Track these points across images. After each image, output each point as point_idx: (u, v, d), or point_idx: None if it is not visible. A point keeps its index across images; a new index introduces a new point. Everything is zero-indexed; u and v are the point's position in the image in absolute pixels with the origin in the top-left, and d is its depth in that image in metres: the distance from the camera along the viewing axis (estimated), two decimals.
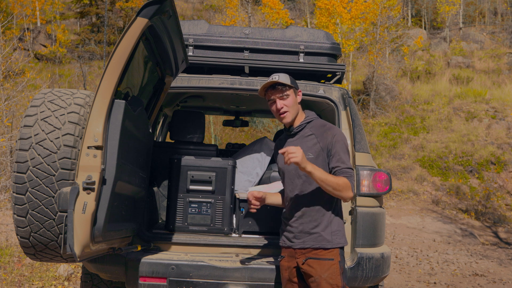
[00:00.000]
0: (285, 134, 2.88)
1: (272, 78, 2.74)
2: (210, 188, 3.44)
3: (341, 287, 2.63)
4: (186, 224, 3.42)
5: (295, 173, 2.75)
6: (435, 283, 6.77)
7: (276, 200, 2.94)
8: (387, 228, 10.31)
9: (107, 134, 2.40)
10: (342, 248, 2.72)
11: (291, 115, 2.76)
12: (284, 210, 2.87)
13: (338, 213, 2.77)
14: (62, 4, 32.67)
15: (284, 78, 2.74)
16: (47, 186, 2.29)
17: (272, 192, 3.01)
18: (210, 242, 3.27)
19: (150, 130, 3.48)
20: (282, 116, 2.76)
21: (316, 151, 2.70)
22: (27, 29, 27.68)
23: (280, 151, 2.54)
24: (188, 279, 3.04)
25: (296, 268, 2.74)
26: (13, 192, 2.31)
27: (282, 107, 2.74)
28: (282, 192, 2.97)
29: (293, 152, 2.45)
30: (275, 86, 2.74)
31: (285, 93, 2.73)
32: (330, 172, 2.67)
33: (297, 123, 2.80)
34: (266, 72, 3.70)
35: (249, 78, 3.61)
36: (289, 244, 2.77)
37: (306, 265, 2.67)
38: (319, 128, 2.76)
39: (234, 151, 5.39)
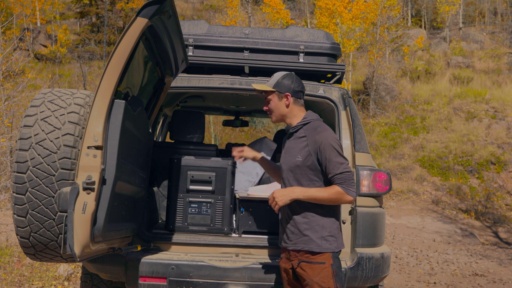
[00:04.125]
0: (286, 134, 2.90)
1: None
2: (210, 188, 3.43)
3: None
4: (186, 224, 3.41)
5: (287, 175, 2.76)
6: (435, 283, 6.77)
7: (270, 169, 3.07)
8: (387, 228, 10.31)
9: (107, 134, 2.39)
10: (335, 251, 2.69)
11: (275, 117, 2.82)
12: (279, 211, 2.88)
13: (334, 216, 2.72)
14: (62, 4, 32.68)
15: (270, 81, 2.79)
16: (47, 186, 2.29)
17: (270, 163, 3.11)
18: (210, 242, 3.27)
19: (150, 130, 3.48)
20: (270, 116, 2.86)
21: (305, 154, 2.67)
22: (27, 29, 27.68)
23: (269, 201, 2.70)
24: (188, 279, 3.04)
25: (293, 270, 2.74)
26: (13, 192, 2.31)
27: (267, 110, 2.84)
28: (278, 168, 3.06)
29: (275, 199, 2.63)
30: (258, 91, 2.86)
31: (267, 98, 2.81)
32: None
33: (294, 124, 2.79)
34: (266, 72, 3.69)
35: (249, 78, 3.61)
36: (284, 245, 2.79)
37: (299, 268, 2.68)
38: (311, 131, 2.71)
39: None
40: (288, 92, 2.75)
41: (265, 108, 2.84)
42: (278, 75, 2.79)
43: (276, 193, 2.65)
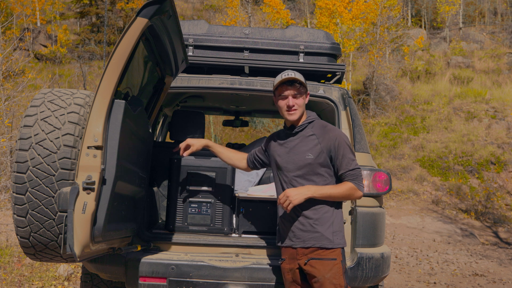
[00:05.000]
0: (286, 133, 2.87)
1: (288, 74, 2.72)
2: (210, 188, 3.44)
3: (344, 287, 2.63)
4: (186, 224, 3.41)
5: (293, 174, 2.75)
6: (435, 283, 6.77)
7: (225, 155, 3.12)
8: (387, 228, 10.31)
9: (107, 134, 2.39)
10: (343, 248, 2.73)
11: (299, 113, 2.76)
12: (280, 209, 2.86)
13: (340, 213, 2.78)
14: (62, 4, 32.69)
15: (300, 77, 2.75)
16: (47, 186, 2.28)
17: (226, 151, 3.15)
18: (210, 242, 3.27)
19: (150, 130, 3.48)
20: (291, 112, 2.74)
21: (316, 151, 2.70)
22: (27, 29, 27.67)
23: (279, 200, 2.67)
24: (188, 279, 3.03)
25: (299, 270, 2.73)
26: (13, 192, 2.30)
27: (293, 105, 2.73)
28: (231, 153, 3.14)
29: (289, 197, 2.61)
30: (293, 83, 2.72)
31: (300, 91, 2.74)
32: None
33: (299, 123, 2.80)
34: (266, 72, 3.69)
35: (249, 78, 3.60)
36: (289, 244, 2.75)
37: (308, 265, 2.66)
38: (320, 129, 2.76)
39: None
40: (308, 91, 2.86)
41: (293, 102, 2.72)
42: (298, 73, 2.78)
43: (290, 191, 2.63)
